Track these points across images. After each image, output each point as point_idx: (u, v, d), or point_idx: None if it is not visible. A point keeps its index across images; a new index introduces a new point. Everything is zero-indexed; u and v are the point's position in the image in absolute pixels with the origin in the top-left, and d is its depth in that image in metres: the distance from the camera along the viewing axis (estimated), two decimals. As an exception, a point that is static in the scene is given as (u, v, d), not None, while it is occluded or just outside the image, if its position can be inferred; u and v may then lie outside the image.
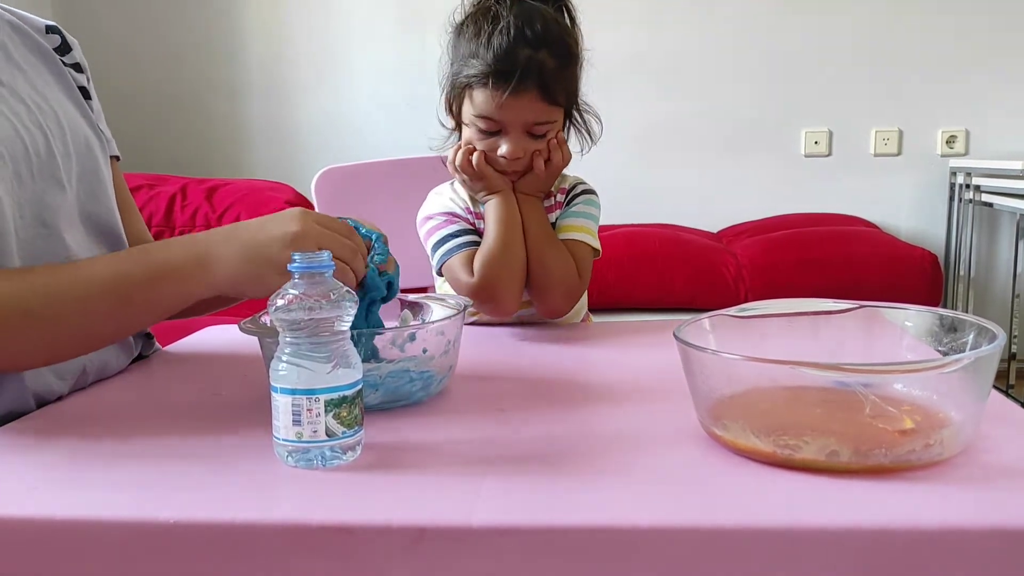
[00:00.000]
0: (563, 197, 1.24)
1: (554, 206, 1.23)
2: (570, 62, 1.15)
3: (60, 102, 0.95)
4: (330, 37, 3.43)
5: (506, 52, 1.09)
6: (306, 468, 0.65)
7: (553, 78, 1.11)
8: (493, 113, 1.12)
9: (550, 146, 1.16)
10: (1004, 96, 3.20)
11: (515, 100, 1.10)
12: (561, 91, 1.13)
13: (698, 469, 0.64)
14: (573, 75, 1.16)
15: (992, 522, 0.54)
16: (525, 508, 0.58)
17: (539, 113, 1.13)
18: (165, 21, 3.45)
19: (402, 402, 0.80)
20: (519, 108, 1.11)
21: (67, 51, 1.01)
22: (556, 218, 1.22)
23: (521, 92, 1.09)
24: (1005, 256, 3.22)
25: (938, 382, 0.66)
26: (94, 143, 0.98)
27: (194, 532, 0.57)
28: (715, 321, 0.78)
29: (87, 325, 0.82)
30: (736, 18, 3.27)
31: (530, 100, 1.11)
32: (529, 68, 1.09)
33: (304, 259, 0.66)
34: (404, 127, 3.30)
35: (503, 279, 1.13)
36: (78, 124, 0.96)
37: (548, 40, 1.11)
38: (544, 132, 1.15)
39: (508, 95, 1.09)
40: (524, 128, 1.14)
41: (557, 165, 1.18)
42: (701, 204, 3.34)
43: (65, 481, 0.65)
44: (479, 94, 1.12)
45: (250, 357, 0.86)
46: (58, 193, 0.89)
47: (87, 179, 0.95)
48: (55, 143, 0.90)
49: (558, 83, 1.12)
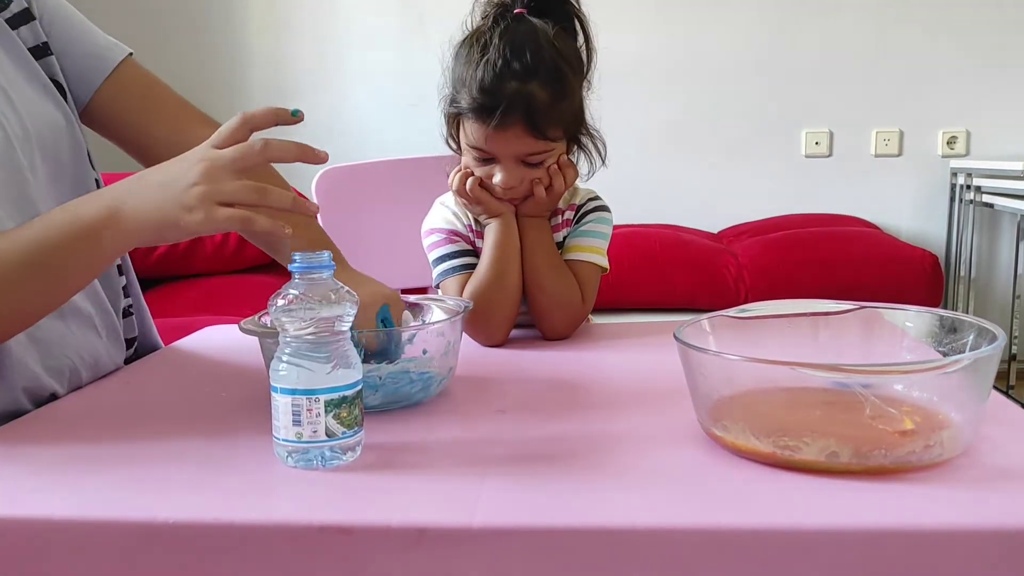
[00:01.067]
0: (572, 214, 1.19)
1: (562, 224, 1.18)
2: (564, 92, 1.08)
3: (14, 82, 0.89)
4: (331, 37, 3.43)
5: (491, 85, 1.04)
6: (306, 468, 0.65)
7: (542, 111, 1.05)
8: (482, 144, 1.08)
9: (550, 172, 1.11)
10: (1005, 97, 3.20)
11: (501, 134, 1.06)
12: (552, 124, 1.07)
13: (698, 470, 0.64)
14: (569, 104, 1.10)
15: (992, 523, 0.54)
16: (525, 508, 0.58)
17: (529, 146, 1.08)
18: (166, 20, 3.45)
19: (402, 403, 0.80)
20: (507, 141, 1.07)
21: (6, 4, 0.92)
22: (565, 236, 1.18)
23: (507, 127, 1.05)
24: (1006, 257, 3.22)
25: (938, 383, 0.66)
26: (59, 119, 0.93)
27: (193, 532, 0.57)
28: (715, 322, 0.78)
29: (13, 302, 0.78)
30: (737, 19, 3.27)
31: (517, 134, 1.06)
32: (515, 102, 1.04)
33: (304, 259, 0.66)
34: (405, 127, 3.30)
35: (494, 309, 1.09)
36: (36, 104, 0.91)
37: (538, 70, 1.05)
38: (540, 161, 1.10)
39: (493, 129, 1.05)
40: (517, 159, 1.09)
41: (558, 190, 1.12)
42: (702, 205, 3.34)
43: (64, 481, 0.65)
44: (469, 125, 1.09)
45: (250, 357, 0.86)
46: (24, 184, 0.86)
47: (54, 163, 0.92)
48: (13, 131, 0.86)
49: (548, 116, 1.06)
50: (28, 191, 0.87)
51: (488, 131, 1.06)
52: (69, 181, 0.95)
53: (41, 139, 0.91)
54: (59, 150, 0.94)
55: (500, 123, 1.05)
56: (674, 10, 3.30)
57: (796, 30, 3.26)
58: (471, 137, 1.09)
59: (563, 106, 1.08)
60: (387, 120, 3.39)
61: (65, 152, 0.94)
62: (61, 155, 0.94)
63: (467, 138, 1.10)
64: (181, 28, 3.45)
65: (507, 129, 1.05)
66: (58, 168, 0.93)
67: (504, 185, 1.10)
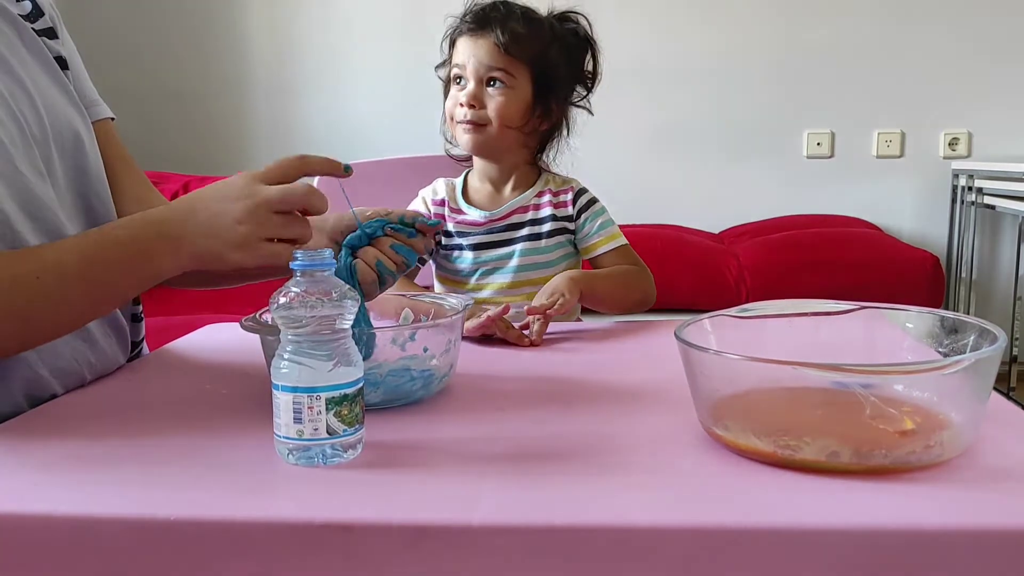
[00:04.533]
0: (569, 197, 1.30)
1: (560, 204, 1.30)
2: (540, 33, 1.26)
3: (38, 83, 0.91)
4: (333, 37, 3.43)
5: (477, 8, 1.26)
6: (307, 466, 0.65)
7: (513, 33, 1.23)
8: (459, 59, 1.25)
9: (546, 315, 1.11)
10: (1007, 98, 3.19)
11: (474, 40, 1.24)
12: (519, 45, 1.23)
13: (698, 469, 0.64)
14: (539, 44, 1.26)
15: (992, 523, 0.54)
16: (526, 506, 0.58)
17: (495, 58, 1.23)
18: (168, 19, 3.45)
19: (403, 401, 0.81)
20: (477, 49, 1.24)
21: (39, 16, 0.96)
22: (563, 216, 1.29)
23: (479, 35, 1.24)
24: (1007, 259, 3.21)
25: (938, 383, 0.66)
26: (78, 124, 0.95)
27: (194, 529, 0.57)
28: (716, 321, 0.78)
29: (59, 313, 0.80)
30: (738, 20, 3.27)
31: (487, 46, 1.23)
32: (492, 15, 1.24)
33: (306, 257, 0.67)
34: (406, 127, 3.30)
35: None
36: (58, 106, 0.92)
37: (520, 11, 1.26)
38: (500, 80, 1.24)
39: (468, 34, 1.25)
40: (481, 78, 1.24)
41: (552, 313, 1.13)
42: (703, 205, 3.34)
43: (66, 478, 0.65)
44: (455, 46, 1.27)
45: (251, 355, 0.86)
46: (42, 184, 0.87)
47: (73, 166, 0.93)
48: (31, 131, 0.87)
49: (517, 38, 1.23)
50: (41, 191, 0.87)
51: (466, 40, 1.25)
52: (88, 185, 0.95)
53: (60, 141, 0.92)
54: (78, 154, 0.94)
55: (474, 27, 1.24)
56: (676, 11, 3.30)
57: (799, 31, 3.26)
58: (454, 59, 1.27)
59: (534, 39, 1.26)
60: (387, 120, 3.39)
61: (83, 157, 0.95)
62: (80, 159, 0.94)
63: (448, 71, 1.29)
64: (182, 28, 3.45)
65: (479, 38, 1.24)
66: (77, 172, 0.94)
67: (468, 98, 1.24)
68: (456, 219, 1.31)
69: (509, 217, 1.30)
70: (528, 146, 1.32)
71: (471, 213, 1.31)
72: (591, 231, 1.29)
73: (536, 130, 1.30)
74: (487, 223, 1.29)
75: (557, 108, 1.29)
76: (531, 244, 1.29)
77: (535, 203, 1.30)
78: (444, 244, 1.31)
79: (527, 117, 1.27)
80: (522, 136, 1.28)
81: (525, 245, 1.29)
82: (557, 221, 1.29)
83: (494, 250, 1.29)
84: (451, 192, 1.33)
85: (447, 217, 1.31)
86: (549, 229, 1.29)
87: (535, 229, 1.29)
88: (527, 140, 1.30)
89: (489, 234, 1.29)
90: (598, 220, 1.30)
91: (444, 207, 1.32)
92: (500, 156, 1.30)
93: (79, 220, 0.93)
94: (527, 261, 1.29)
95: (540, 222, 1.29)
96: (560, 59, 1.28)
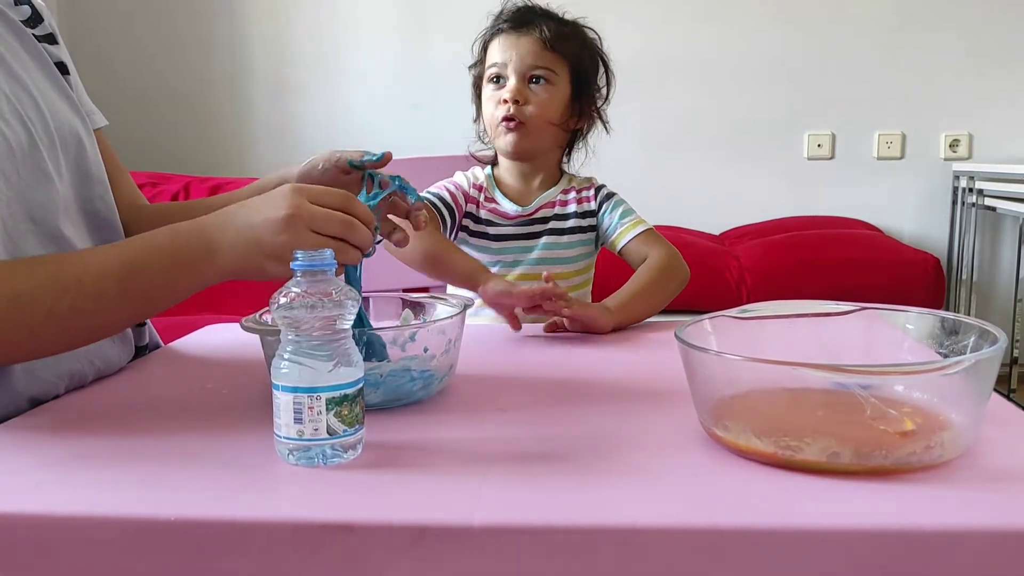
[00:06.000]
0: (592, 192, 1.35)
1: (583, 200, 1.35)
2: (577, 32, 1.31)
3: (39, 86, 0.91)
4: (334, 37, 3.43)
5: (515, 8, 1.30)
6: (307, 466, 0.65)
7: (555, 30, 1.26)
8: (499, 56, 1.27)
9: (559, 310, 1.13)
10: (1008, 100, 3.19)
11: (515, 39, 1.26)
12: (561, 41, 1.26)
13: (698, 469, 0.65)
14: (578, 41, 1.30)
15: (992, 523, 0.54)
16: (525, 508, 0.58)
17: (537, 57, 1.26)
18: (169, 19, 3.45)
19: (403, 401, 0.81)
20: (519, 47, 1.26)
21: (39, 22, 0.96)
22: (586, 211, 1.34)
23: (522, 33, 1.26)
24: (1008, 260, 3.21)
25: (939, 384, 0.66)
26: (79, 127, 0.95)
27: (195, 529, 0.57)
28: (716, 322, 0.78)
29: (99, 318, 0.81)
30: (739, 21, 3.27)
31: (530, 43, 1.26)
32: (532, 15, 1.28)
33: (306, 257, 0.67)
34: (407, 127, 3.30)
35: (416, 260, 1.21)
36: (60, 109, 0.93)
37: (556, 14, 1.30)
38: (543, 77, 1.26)
39: (510, 31, 1.27)
40: (524, 75, 1.26)
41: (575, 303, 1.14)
42: (703, 206, 3.34)
43: (67, 478, 0.65)
44: (490, 48, 1.30)
45: (252, 355, 0.86)
46: (47, 186, 0.87)
47: (76, 169, 0.93)
48: (37, 134, 0.87)
49: (559, 35, 1.26)
50: (52, 194, 0.87)
51: (506, 39, 1.27)
52: (92, 188, 0.96)
53: (65, 144, 0.92)
54: (81, 158, 0.95)
55: (515, 25, 1.27)
56: (676, 12, 3.30)
57: (799, 32, 3.26)
58: (491, 59, 1.29)
59: (573, 39, 1.30)
60: (387, 120, 3.39)
61: (86, 160, 0.95)
62: (83, 163, 0.95)
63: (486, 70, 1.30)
64: (182, 28, 3.45)
65: (521, 35, 1.27)
66: (80, 175, 0.94)
67: (512, 94, 1.25)
68: (488, 207, 1.34)
69: (537, 212, 1.34)
70: (561, 146, 1.36)
71: (504, 204, 1.34)
72: (614, 220, 1.33)
73: (570, 130, 1.34)
74: (517, 217, 1.33)
75: (588, 109, 1.34)
76: (554, 239, 1.33)
77: (561, 199, 1.35)
78: (471, 230, 1.33)
79: (566, 115, 1.31)
80: (560, 135, 1.32)
81: (548, 239, 1.33)
82: (580, 218, 1.34)
83: (518, 242, 1.33)
84: (488, 180, 1.37)
85: (480, 204, 1.33)
86: (571, 226, 1.34)
87: (559, 224, 1.33)
88: (562, 139, 1.34)
89: (517, 226, 1.33)
90: (619, 209, 1.34)
91: (481, 193, 1.35)
92: (536, 155, 1.33)
93: (82, 223, 0.93)
94: (547, 255, 1.33)
95: (565, 218, 1.34)
96: (591, 61, 1.33)
